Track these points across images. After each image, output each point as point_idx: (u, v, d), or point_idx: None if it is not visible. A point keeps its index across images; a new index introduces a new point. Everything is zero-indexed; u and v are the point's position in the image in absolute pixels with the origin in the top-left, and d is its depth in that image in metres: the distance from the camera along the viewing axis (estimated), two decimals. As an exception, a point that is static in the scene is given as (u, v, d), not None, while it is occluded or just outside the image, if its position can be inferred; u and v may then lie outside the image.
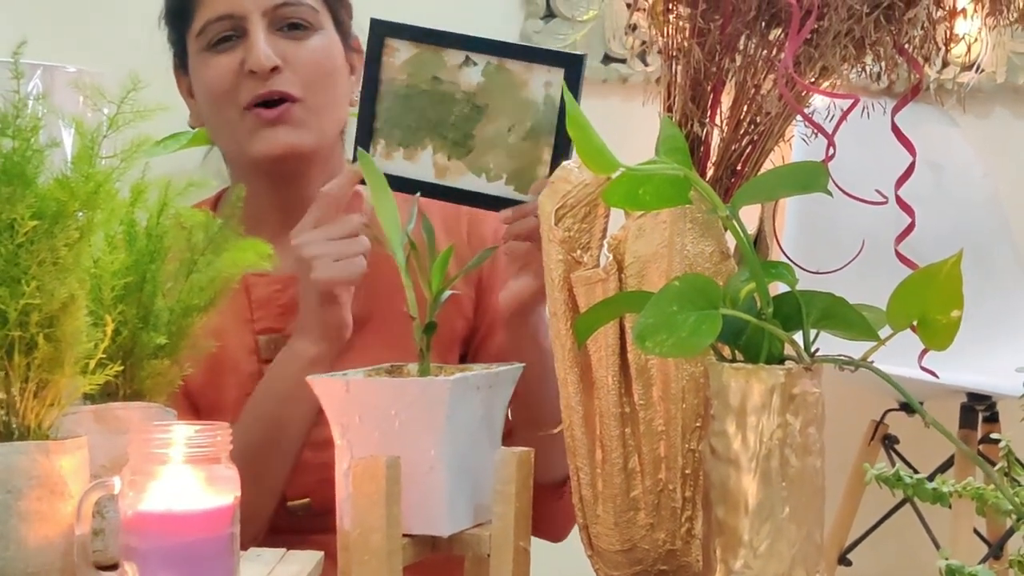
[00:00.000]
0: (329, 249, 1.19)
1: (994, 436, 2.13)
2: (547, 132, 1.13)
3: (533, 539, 0.87)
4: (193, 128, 1.50)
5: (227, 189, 1.45)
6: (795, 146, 1.17)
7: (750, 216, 0.94)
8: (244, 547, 1.01)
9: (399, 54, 1.14)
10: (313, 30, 1.34)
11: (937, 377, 1.06)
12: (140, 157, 0.94)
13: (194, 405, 1.28)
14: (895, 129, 1.04)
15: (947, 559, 1.21)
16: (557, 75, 1.12)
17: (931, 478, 1.18)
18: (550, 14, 2.44)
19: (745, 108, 1.00)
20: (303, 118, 1.31)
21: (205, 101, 1.36)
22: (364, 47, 1.23)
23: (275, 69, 1.29)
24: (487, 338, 1.38)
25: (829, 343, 0.87)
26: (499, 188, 1.14)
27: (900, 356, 0.90)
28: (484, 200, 1.16)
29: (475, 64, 1.13)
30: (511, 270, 1.19)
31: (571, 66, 1.12)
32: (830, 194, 0.91)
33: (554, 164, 1.10)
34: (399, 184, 1.10)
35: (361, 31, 1.43)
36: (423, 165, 1.15)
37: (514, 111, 1.13)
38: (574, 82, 1.11)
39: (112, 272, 0.98)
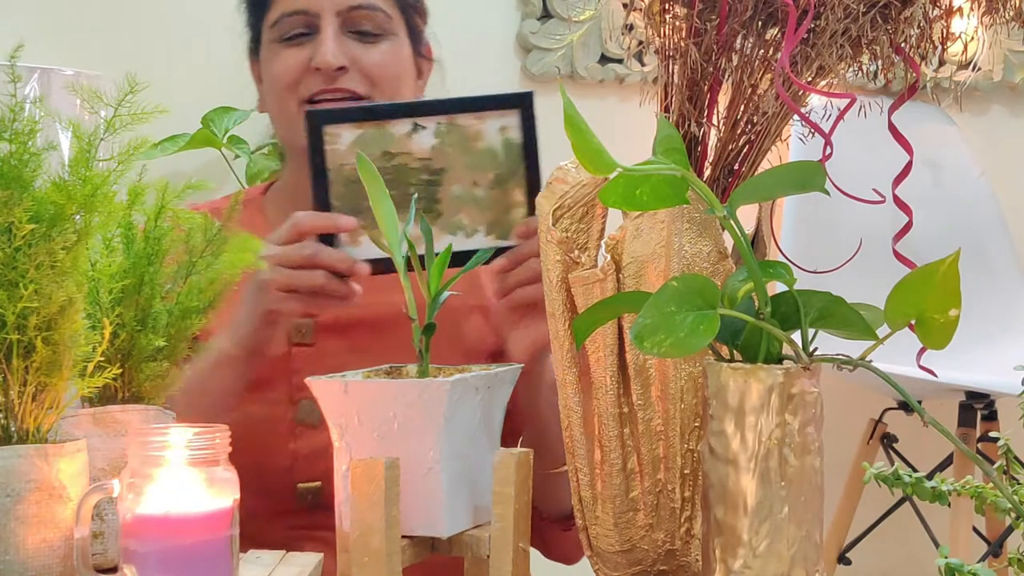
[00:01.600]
0: (279, 278, 1.17)
1: (993, 435, 2.14)
2: (514, 175, 1.11)
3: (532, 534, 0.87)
4: (260, 112, 1.51)
5: (276, 181, 1.49)
6: (792, 145, 1.17)
7: (748, 216, 0.94)
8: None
9: (342, 139, 1.12)
10: (385, 35, 1.36)
11: (935, 376, 1.06)
12: (138, 159, 0.94)
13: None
14: (892, 128, 1.04)
15: (946, 557, 1.21)
16: (511, 117, 1.11)
17: (930, 477, 1.18)
18: (547, 15, 2.44)
19: (742, 108, 1.00)
20: None
21: (270, 90, 1.39)
22: (431, 54, 1.29)
23: (340, 68, 1.32)
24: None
25: (827, 342, 0.88)
26: (480, 241, 1.12)
27: (898, 355, 0.90)
28: (468, 257, 1.09)
29: (424, 128, 1.11)
30: (514, 319, 1.18)
31: (523, 105, 1.11)
32: (827, 193, 0.91)
33: (530, 202, 1.09)
34: (376, 266, 1.12)
35: (433, 37, 1.47)
36: (365, 243, 1.14)
37: (475, 165, 1.11)
38: (529, 119, 1.11)
39: (110, 275, 0.98)
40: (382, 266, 1.10)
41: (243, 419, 1.26)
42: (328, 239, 1.14)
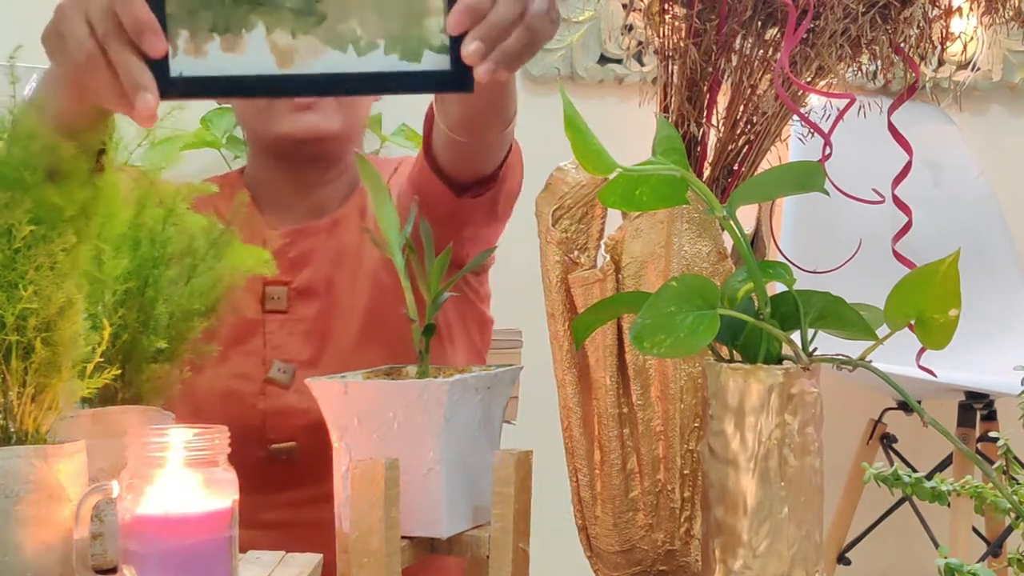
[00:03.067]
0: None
1: (992, 435, 2.13)
2: None
3: (532, 541, 0.87)
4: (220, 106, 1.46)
5: (245, 168, 1.48)
6: (792, 146, 1.17)
7: (747, 216, 0.94)
8: None
9: None
10: None
11: (935, 376, 1.06)
12: (166, 168, 0.95)
13: None
14: (892, 128, 1.04)
15: (946, 557, 1.21)
16: None
17: (929, 477, 1.18)
18: (546, 15, 2.44)
19: (741, 108, 1.00)
20: (332, 108, 1.34)
21: None
22: None
23: None
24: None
25: (827, 342, 0.88)
26: (378, 61, 0.81)
27: (898, 355, 0.90)
28: (359, 82, 0.83)
29: None
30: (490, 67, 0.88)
31: None
32: (827, 193, 0.91)
33: (449, 7, 0.81)
34: (228, 86, 0.84)
35: None
36: (255, 53, 0.80)
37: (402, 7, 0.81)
38: None
39: (115, 277, 0.98)
40: (197, 90, 0.84)
41: (216, 380, 1.29)
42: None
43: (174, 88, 0.82)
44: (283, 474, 1.28)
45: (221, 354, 1.28)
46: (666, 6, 1.00)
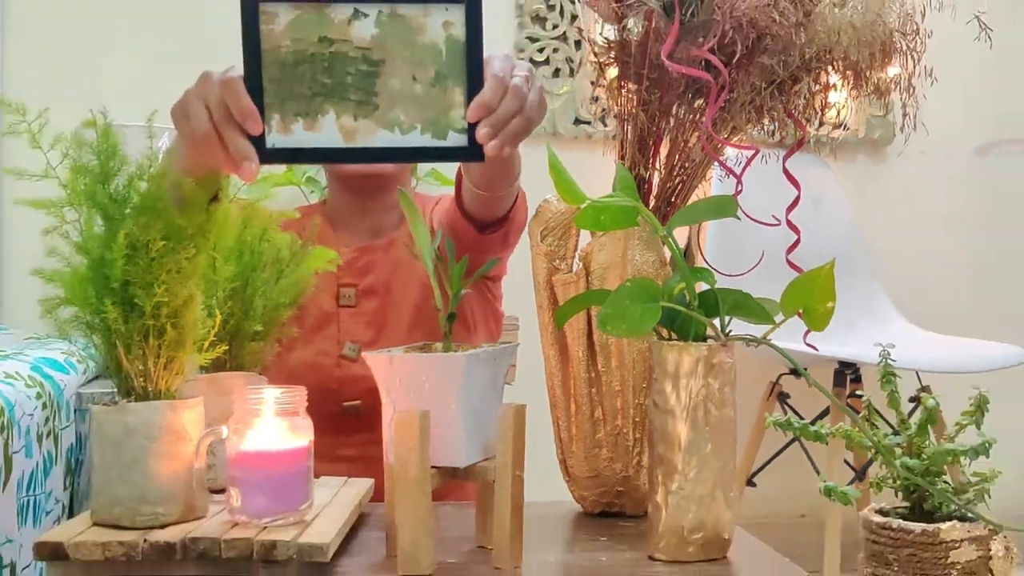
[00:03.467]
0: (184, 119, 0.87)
1: (858, 393, 2.13)
2: (456, 74, 0.81)
3: (526, 470, 0.87)
4: None
5: (326, 200, 1.45)
6: (713, 184, 1.17)
7: (681, 234, 0.94)
8: None
9: (279, 19, 0.80)
10: None
11: (817, 350, 1.06)
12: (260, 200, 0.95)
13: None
14: (785, 171, 1.04)
15: (825, 481, 1.21)
16: (456, 13, 0.81)
17: (813, 423, 1.18)
18: (536, 89, 2.45)
19: (677, 157, 1.00)
20: None
21: None
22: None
23: None
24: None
25: (739, 326, 0.88)
26: (416, 139, 0.82)
27: (790, 335, 0.90)
28: (403, 154, 0.84)
29: (366, 16, 0.81)
30: (498, 145, 0.87)
31: (469, 1, 0.81)
32: (739, 218, 0.91)
33: (469, 103, 0.81)
34: (308, 156, 0.85)
35: None
36: (328, 131, 0.81)
37: (416, 59, 0.81)
38: (476, 17, 0.81)
39: (224, 278, 0.99)
40: (286, 158, 0.84)
41: (305, 355, 1.29)
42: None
43: (269, 157, 0.82)
44: (351, 423, 1.28)
45: (308, 337, 1.30)
46: (622, 83, 1.00)
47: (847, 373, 2.16)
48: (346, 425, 1.28)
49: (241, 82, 0.81)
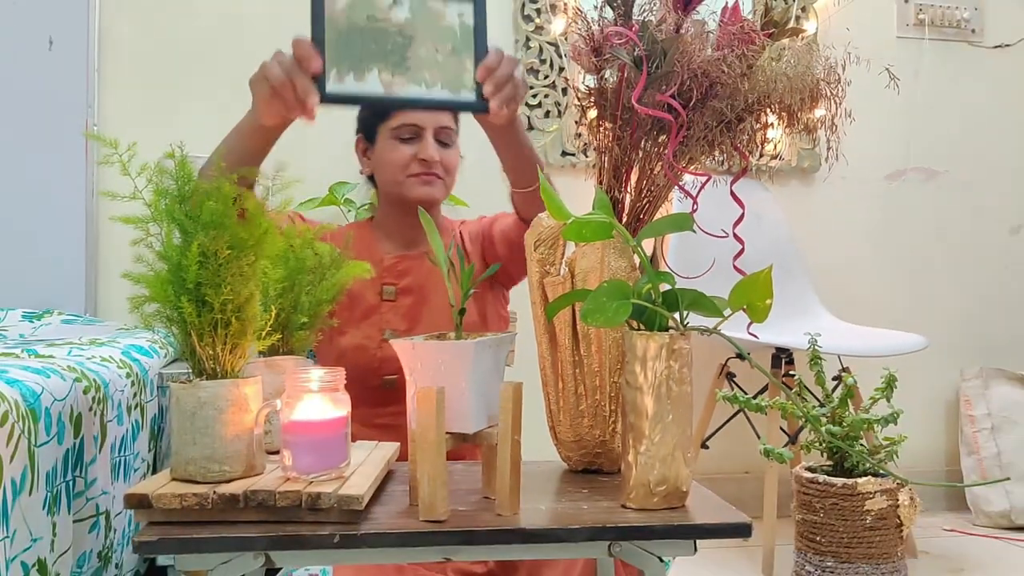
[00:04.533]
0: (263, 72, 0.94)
1: (791, 373, 2.12)
2: (466, 49, 0.91)
3: (523, 436, 0.87)
4: (362, 174, 1.41)
5: (374, 217, 1.43)
6: (674, 204, 1.17)
7: (649, 245, 0.94)
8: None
9: (338, 1, 0.90)
10: (452, 143, 1.35)
11: (758, 338, 1.06)
12: (286, 212, 0.94)
13: (330, 311, 1.29)
14: (732, 194, 1.04)
15: (764, 445, 1.20)
16: (467, 6, 0.92)
17: (755, 397, 1.18)
18: (530, 127, 2.44)
19: (645, 182, 1.00)
20: (441, 185, 1.33)
21: (383, 164, 1.33)
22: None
23: (435, 161, 1.31)
24: (492, 247, 1.35)
25: (695, 319, 0.88)
26: (438, 92, 0.92)
27: (736, 326, 0.90)
28: (429, 102, 0.93)
29: (402, 4, 0.90)
30: (498, 102, 0.98)
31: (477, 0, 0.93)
32: (695, 232, 0.91)
33: (475, 68, 0.93)
34: (357, 99, 0.93)
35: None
36: (372, 84, 0.90)
37: (438, 37, 0.91)
38: (481, 11, 0.92)
39: (275, 280, 0.98)
40: (341, 99, 0.91)
41: (353, 339, 1.29)
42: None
43: (327, 99, 0.90)
44: (388, 396, 1.28)
45: (357, 324, 1.31)
46: (600, 122, 1.00)
47: (782, 357, 2.16)
48: (384, 397, 1.28)
49: (308, 40, 0.89)
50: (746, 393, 1.32)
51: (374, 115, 1.36)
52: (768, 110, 0.97)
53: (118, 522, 1.34)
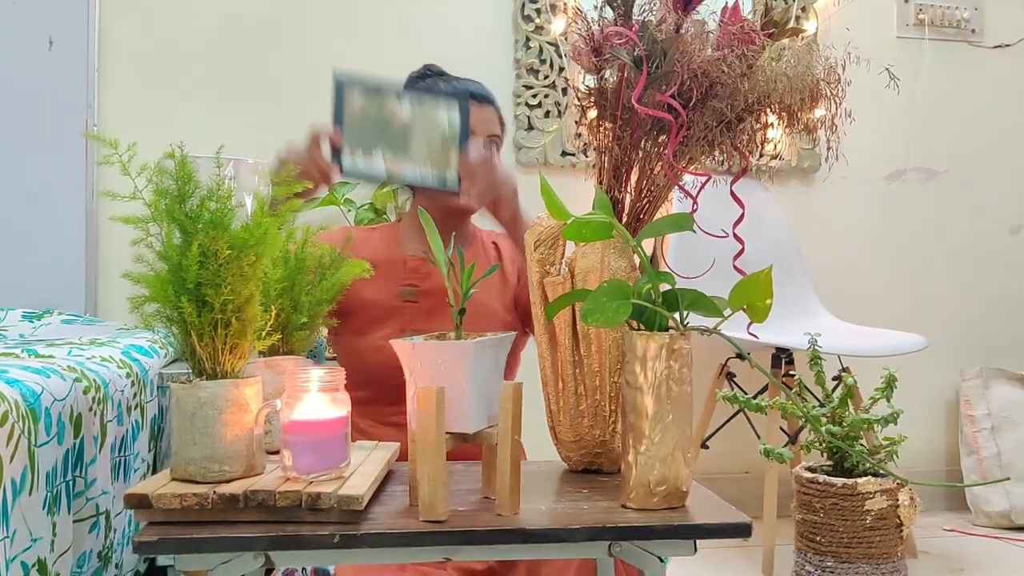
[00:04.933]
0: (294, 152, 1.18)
1: (791, 373, 2.12)
2: (452, 141, 1.10)
3: (523, 436, 0.87)
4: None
5: (402, 218, 1.45)
6: (674, 204, 1.17)
7: (648, 245, 0.94)
8: None
9: (355, 97, 1.09)
10: (496, 152, 1.35)
11: (758, 338, 1.06)
12: (290, 213, 0.94)
13: (351, 311, 1.28)
14: (732, 194, 1.04)
15: (764, 444, 1.20)
16: (454, 108, 1.11)
17: (755, 397, 1.18)
18: (530, 127, 2.44)
19: (644, 182, 1.00)
20: (477, 196, 1.32)
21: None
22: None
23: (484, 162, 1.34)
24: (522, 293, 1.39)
25: (695, 319, 0.88)
26: (428, 175, 1.12)
27: (736, 326, 0.90)
28: (421, 183, 1.14)
29: (405, 103, 1.10)
30: (493, 204, 1.22)
31: (462, 102, 1.11)
32: (695, 232, 0.91)
33: (456, 156, 1.12)
34: (366, 176, 1.12)
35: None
36: (377, 162, 1.10)
37: (430, 130, 1.10)
38: (465, 112, 1.11)
39: (275, 280, 0.98)
40: (353, 175, 1.12)
41: (374, 340, 1.29)
42: (340, 152, 1.12)
43: (344, 172, 1.11)
44: (403, 396, 1.28)
45: (378, 326, 1.30)
46: (600, 122, 1.00)
47: (782, 356, 2.16)
48: (400, 396, 1.28)
49: (331, 129, 1.11)
50: (746, 393, 1.32)
51: None
52: (768, 110, 0.97)
53: (118, 522, 1.34)
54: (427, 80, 1.39)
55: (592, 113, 1.00)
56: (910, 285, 2.73)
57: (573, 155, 2.48)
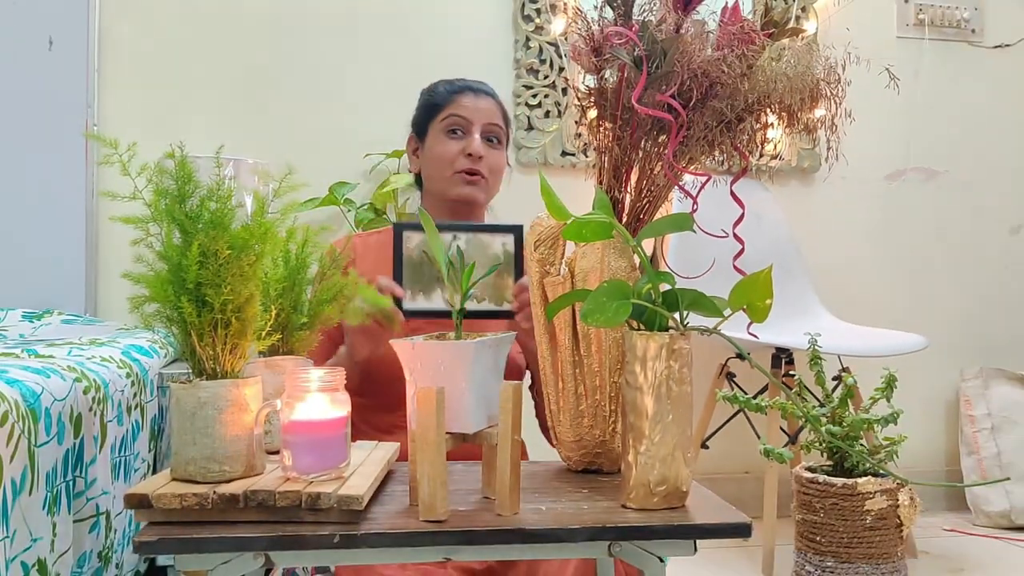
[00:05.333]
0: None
1: (791, 373, 2.13)
2: (508, 271, 1.12)
3: (523, 436, 0.87)
4: (410, 172, 1.46)
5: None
6: (674, 204, 1.17)
7: (648, 245, 0.94)
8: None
9: (413, 239, 1.12)
10: (499, 144, 1.36)
11: (758, 338, 1.06)
12: (291, 214, 0.94)
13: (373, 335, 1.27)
14: (732, 194, 1.04)
15: (764, 444, 1.20)
16: (509, 237, 1.13)
17: (755, 397, 1.18)
18: (530, 127, 2.44)
19: (644, 182, 1.00)
20: (483, 187, 1.34)
21: (430, 159, 1.36)
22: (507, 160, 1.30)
23: (480, 157, 1.32)
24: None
25: (695, 319, 0.88)
26: (485, 305, 1.13)
27: (736, 326, 0.90)
28: (478, 313, 1.14)
29: (459, 239, 1.12)
30: (526, 320, 1.17)
31: (516, 232, 1.13)
32: (695, 232, 0.91)
33: (514, 283, 1.13)
34: (426, 314, 1.12)
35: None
36: (437, 300, 1.12)
37: (486, 262, 1.11)
38: (519, 240, 1.13)
39: (275, 280, 0.98)
40: (413, 315, 1.13)
41: (383, 355, 1.27)
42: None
43: (406, 314, 1.12)
44: (393, 408, 1.27)
45: (389, 332, 1.28)
46: (600, 122, 1.00)
47: (782, 356, 2.16)
48: (388, 415, 1.27)
49: (392, 279, 1.13)
50: (746, 393, 1.32)
51: (426, 111, 1.39)
52: (768, 110, 0.97)
53: (118, 522, 1.34)
54: (437, 85, 1.39)
55: (592, 113, 1.00)
56: (910, 285, 2.73)
57: (573, 155, 2.48)
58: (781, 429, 2.27)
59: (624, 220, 1.00)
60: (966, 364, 2.69)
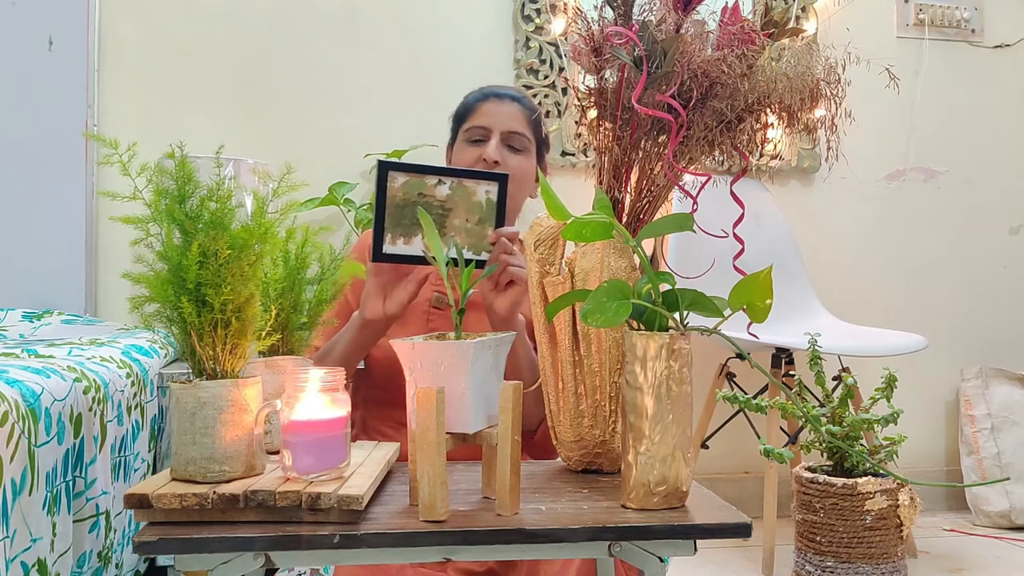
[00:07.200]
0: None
1: (791, 373, 2.13)
2: (489, 220, 1.11)
3: (522, 431, 0.87)
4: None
5: None
6: (674, 204, 1.17)
7: (648, 245, 0.94)
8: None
9: (397, 180, 1.08)
10: (524, 151, 1.35)
11: (758, 338, 1.06)
12: (291, 214, 0.94)
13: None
14: (732, 194, 1.04)
15: (764, 444, 1.20)
16: (493, 186, 1.11)
17: (755, 397, 1.18)
18: (530, 127, 2.45)
19: (644, 182, 1.00)
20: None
21: (458, 165, 1.37)
22: (546, 169, 1.30)
23: (495, 162, 1.32)
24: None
25: (695, 319, 0.88)
26: (465, 253, 1.11)
27: (736, 326, 0.90)
28: (457, 261, 1.10)
29: (444, 183, 1.09)
30: (498, 291, 1.16)
31: (501, 182, 1.11)
32: (695, 232, 0.91)
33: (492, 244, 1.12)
34: (403, 258, 1.09)
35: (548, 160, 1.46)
36: (416, 246, 1.09)
37: (469, 210, 1.09)
38: (503, 189, 1.11)
39: (275, 280, 0.98)
40: (392, 258, 1.10)
41: (393, 314, 1.26)
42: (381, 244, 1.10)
43: (383, 258, 1.09)
44: (395, 404, 1.27)
45: (408, 329, 1.30)
46: (600, 122, 1.00)
47: (782, 356, 2.16)
48: (388, 410, 1.27)
49: (374, 218, 1.08)
50: (746, 393, 1.32)
51: (456, 120, 1.40)
52: (768, 110, 0.96)
53: (118, 522, 1.34)
54: (480, 91, 1.39)
55: (592, 113, 1.00)
56: (910, 285, 2.73)
57: (573, 155, 2.48)
58: (781, 429, 2.27)
59: (624, 220, 1.00)
60: (966, 364, 2.69)
